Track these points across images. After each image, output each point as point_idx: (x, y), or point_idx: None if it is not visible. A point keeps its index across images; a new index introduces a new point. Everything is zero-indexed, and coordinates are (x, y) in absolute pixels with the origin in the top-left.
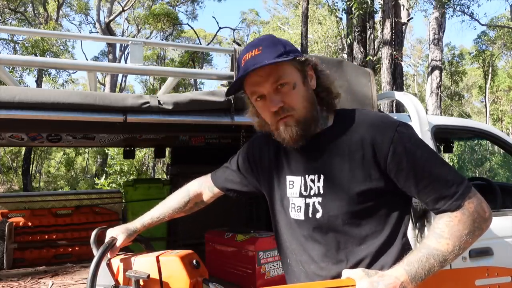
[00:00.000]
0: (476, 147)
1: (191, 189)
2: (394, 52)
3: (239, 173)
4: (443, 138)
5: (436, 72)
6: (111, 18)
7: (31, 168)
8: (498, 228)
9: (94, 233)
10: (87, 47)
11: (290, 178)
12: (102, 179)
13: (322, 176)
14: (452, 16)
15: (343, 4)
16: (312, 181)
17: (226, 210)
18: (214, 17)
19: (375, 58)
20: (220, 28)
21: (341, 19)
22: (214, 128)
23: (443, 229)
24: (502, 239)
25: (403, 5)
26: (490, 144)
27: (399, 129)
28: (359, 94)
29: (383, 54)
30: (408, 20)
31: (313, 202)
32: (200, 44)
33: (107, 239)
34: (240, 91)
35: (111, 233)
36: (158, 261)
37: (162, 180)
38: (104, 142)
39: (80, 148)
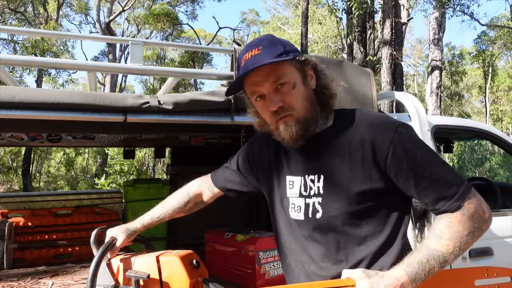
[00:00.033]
0: (476, 147)
1: (191, 189)
2: (394, 52)
3: (239, 173)
4: (443, 138)
5: (436, 72)
6: (111, 18)
7: (31, 168)
8: (498, 228)
9: (94, 233)
10: (87, 47)
11: (290, 178)
12: (102, 179)
13: (322, 176)
14: (452, 16)
15: (343, 4)
16: (312, 181)
17: (226, 210)
18: (214, 17)
19: (375, 58)
20: (220, 28)
21: (341, 19)
22: (214, 128)
23: (443, 230)
24: (502, 239)
25: (403, 5)
26: (490, 144)
27: (399, 129)
28: (359, 94)
29: (383, 54)
30: (408, 20)
31: (313, 202)
32: (200, 44)
33: (107, 239)
34: (240, 91)
35: (111, 233)
36: (158, 261)
37: (162, 180)
38: (104, 142)
39: (80, 148)
